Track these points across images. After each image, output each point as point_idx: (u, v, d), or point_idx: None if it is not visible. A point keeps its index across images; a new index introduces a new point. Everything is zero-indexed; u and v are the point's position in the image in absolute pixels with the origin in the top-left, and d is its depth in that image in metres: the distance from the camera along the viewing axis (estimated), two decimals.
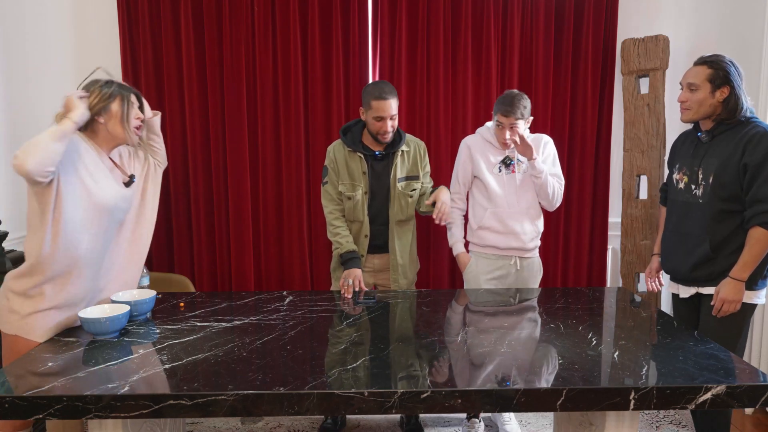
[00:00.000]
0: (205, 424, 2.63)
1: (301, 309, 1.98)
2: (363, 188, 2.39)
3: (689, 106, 2.00)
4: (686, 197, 2.07)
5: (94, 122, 1.82)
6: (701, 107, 1.98)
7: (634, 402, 1.33)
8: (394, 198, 2.42)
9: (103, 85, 1.83)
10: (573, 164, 3.21)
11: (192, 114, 3.06)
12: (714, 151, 1.99)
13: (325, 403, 1.32)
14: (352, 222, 2.44)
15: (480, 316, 1.90)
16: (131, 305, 1.80)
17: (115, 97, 1.82)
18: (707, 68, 1.96)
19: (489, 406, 1.33)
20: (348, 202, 2.41)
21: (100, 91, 1.80)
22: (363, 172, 2.39)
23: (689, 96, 2.00)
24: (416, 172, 2.47)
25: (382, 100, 2.27)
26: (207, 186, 3.14)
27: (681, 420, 2.64)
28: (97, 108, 1.79)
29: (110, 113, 1.82)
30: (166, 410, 1.30)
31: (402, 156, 2.44)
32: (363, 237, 2.44)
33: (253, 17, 3.01)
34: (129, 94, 1.88)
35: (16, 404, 1.28)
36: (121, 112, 1.83)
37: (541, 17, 3.08)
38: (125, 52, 3.02)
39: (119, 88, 1.85)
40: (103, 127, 1.83)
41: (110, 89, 1.83)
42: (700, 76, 1.97)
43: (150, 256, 3.17)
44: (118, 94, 1.84)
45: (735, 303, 1.94)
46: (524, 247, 2.47)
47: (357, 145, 2.39)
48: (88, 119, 1.75)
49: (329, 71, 3.07)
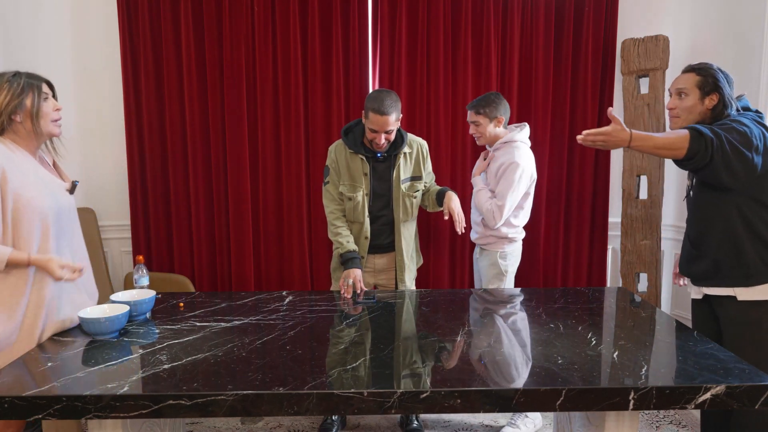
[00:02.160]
0: (205, 424, 2.63)
1: (301, 309, 1.98)
2: (364, 190, 2.39)
3: (678, 113, 1.96)
4: (688, 197, 2.08)
5: (12, 122, 1.68)
6: (690, 114, 1.94)
7: (634, 402, 1.33)
8: (398, 199, 2.42)
9: (10, 79, 1.67)
10: (573, 164, 3.21)
11: (192, 114, 3.06)
12: None
13: (324, 403, 1.32)
14: (353, 223, 2.44)
15: (480, 316, 1.90)
16: (131, 305, 1.80)
17: (27, 91, 1.67)
18: (696, 75, 1.92)
19: (489, 406, 1.33)
20: (348, 203, 2.40)
21: (9, 87, 1.65)
22: (364, 173, 2.39)
23: (678, 103, 1.96)
24: (419, 173, 2.47)
25: (379, 114, 2.21)
26: (207, 186, 3.14)
27: (681, 420, 2.64)
28: (11, 106, 1.65)
29: (26, 109, 1.68)
30: (166, 410, 1.30)
31: (404, 157, 2.43)
32: (363, 239, 2.43)
33: (253, 17, 3.01)
34: (40, 84, 1.72)
35: (15, 404, 1.28)
36: (31, 105, 1.67)
37: (541, 17, 3.08)
38: (125, 52, 3.02)
39: (28, 79, 1.70)
40: (21, 126, 1.69)
41: (20, 82, 1.67)
42: (690, 82, 1.94)
43: (150, 256, 3.18)
44: (29, 86, 1.68)
45: (607, 135, 1.73)
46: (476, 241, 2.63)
47: (358, 147, 2.38)
48: None
49: (329, 71, 3.07)
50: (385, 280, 2.54)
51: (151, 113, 3.07)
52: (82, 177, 3.19)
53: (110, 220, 3.25)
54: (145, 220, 3.16)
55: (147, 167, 3.11)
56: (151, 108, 3.07)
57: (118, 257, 3.30)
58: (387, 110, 2.20)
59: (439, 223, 3.18)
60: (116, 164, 3.20)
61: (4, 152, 1.65)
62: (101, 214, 3.23)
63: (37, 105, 1.69)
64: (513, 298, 2.14)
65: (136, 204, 3.14)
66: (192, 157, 3.08)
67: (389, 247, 2.50)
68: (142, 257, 2.07)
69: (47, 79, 1.77)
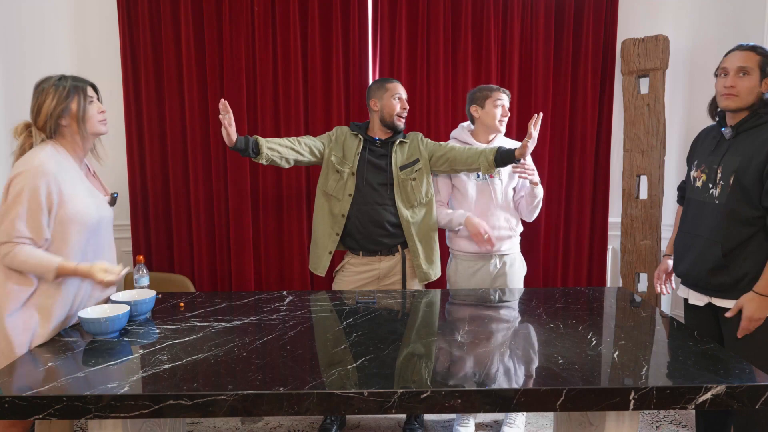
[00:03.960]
0: (205, 424, 2.63)
1: (301, 309, 1.98)
2: (351, 168, 2.41)
3: (738, 92, 1.78)
4: (702, 197, 1.91)
5: (59, 126, 1.70)
6: (749, 95, 1.78)
7: (634, 402, 1.33)
8: (398, 186, 2.43)
9: (56, 83, 1.69)
10: (573, 164, 3.21)
11: (192, 114, 3.06)
12: (737, 149, 1.82)
13: (324, 403, 1.32)
14: (333, 198, 2.43)
15: (480, 316, 1.90)
16: (131, 305, 1.80)
17: (72, 95, 1.70)
18: (756, 54, 1.77)
19: (489, 406, 1.33)
20: (335, 175, 2.43)
21: (55, 91, 1.67)
22: (356, 153, 2.43)
23: (738, 81, 1.78)
24: (416, 156, 2.48)
25: (395, 82, 2.47)
26: (207, 186, 3.14)
27: (681, 420, 2.64)
28: (58, 110, 1.67)
29: (72, 113, 1.70)
30: (166, 410, 1.30)
31: (401, 146, 2.48)
32: (340, 216, 2.41)
33: (253, 17, 3.01)
34: (85, 87, 1.74)
35: (15, 404, 1.28)
36: (77, 109, 1.70)
37: (541, 17, 3.08)
38: (125, 52, 3.02)
39: (74, 83, 1.72)
40: (68, 129, 1.72)
41: (65, 86, 1.69)
42: (753, 61, 1.77)
43: (150, 256, 3.18)
44: (75, 89, 1.70)
45: (760, 321, 1.76)
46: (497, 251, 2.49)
47: (362, 130, 2.51)
48: None
49: (329, 71, 3.07)
50: (392, 284, 2.49)
51: (151, 113, 3.07)
52: None
53: None
54: (145, 220, 3.16)
55: (147, 167, 3.11)
56: (151, 108, 3.06)
57: (118, 257, 3.30)
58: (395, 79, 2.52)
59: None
60: (116, 164, 3.19)
61: (56, 158, 1.66)
62: None
63: (84, 108, 1.71)
64: (513, 298, 2.14)
65: (136, 204, 3.13)
66: (192, 157, 3.08)
67: (394, 248, 2.46)
68: (142, 257, 2.07)
69: (92, 82, 1.80)
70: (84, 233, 1.71)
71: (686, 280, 2.02)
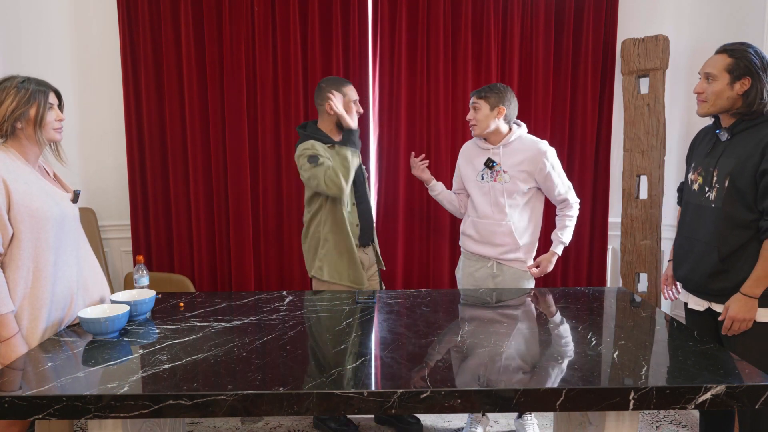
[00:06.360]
0: (205, 424, 2.63)
1: (300, 309, 1.98)
2: None
3: (705, 98, 1.82)
4: (699, 200, 1.90)
5: (15, 129, 1.67)
6: (718, 99, 1.79)
7: (634, 402, 1.33)
8: None
9: (18, 86, 1.66)
10: (573, 164, 3.21)
11: (192, 114, 3.06)
12: (732, 151, 1.80)
13: (324, 403, 1.32)
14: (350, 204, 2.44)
15: (479, 316, 1.90)
16: (131, 305, 1.80)
17: (33, 100, 1.66)
18: (727, 57, 1.78)
19: (489, 406, 1.33)
20: None
21: (16, 94, 1.64)
22: None
23: (705, 87, 1.81)
24: None
25: (351, 85, 2.38)
26: (207, 186, 3.14)
27: (681, 420, 2.64)
28: (17, 113, 1.64)
29: (29, 118, 1.66)
30: (166, 410, 1.30)
31: None
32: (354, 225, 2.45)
33: (253, 17, 3.01)
34: (48, 92, 1.71)
35: (15, 404, 1.28)
36: (36, 114, 1.66)
37: (541, 17, 3.08)
38: (125, 52, 3.02)
39: (37, 87, 1.68)
40: (23, 132, 1.67)
41: (27, 89, 1.66)
42: (719, 66, 1.78)
43: (150, 256, 3.18)
44: (36, 94, 1.67)
45: (746, 321, 1.76)
46: (500, 257, 2.44)
47: (327, 137, 2.35)
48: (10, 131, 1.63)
49: (329, 71, 3.07)
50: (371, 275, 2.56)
51: (151, 113, 3.07)
52: (82, 177, 3.20)
53: (110, 220, 3.26)
54: (145, 220, 3.16)
55: (147, 167, 3.11)
56: (151, 108, 3.07)
57: (118, 257, 3.30)
58: None
59: (439, 222, 3.18)
60: (116, 164, 3.20)
61: (6, 162, 1.64)
62: (101, 214, 3.23)
63: (42, 114, 1.68)
64: (513, 298, 2.14)
65: (136, 204, 3.14)
66: (192, 157, 3.08)
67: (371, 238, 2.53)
68: (142, 257, 2.07)
69: (56, 88, 1.76)
70: (49, 230, 1.69)
71: (686, 285, 2.01)
